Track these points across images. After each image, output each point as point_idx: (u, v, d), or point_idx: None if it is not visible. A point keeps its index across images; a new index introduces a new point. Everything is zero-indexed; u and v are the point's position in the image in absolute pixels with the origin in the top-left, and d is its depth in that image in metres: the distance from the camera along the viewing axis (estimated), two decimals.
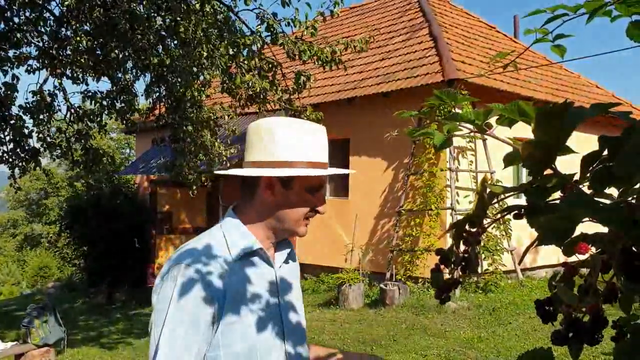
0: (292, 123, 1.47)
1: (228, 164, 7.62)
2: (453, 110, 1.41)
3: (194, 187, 7.54)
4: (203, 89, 6.62)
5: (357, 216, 9.79)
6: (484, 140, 8.67)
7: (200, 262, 1.35)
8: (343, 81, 10.47)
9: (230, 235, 1.44)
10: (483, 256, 8.75)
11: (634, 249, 0.86)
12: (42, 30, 7.16)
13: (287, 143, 1.43)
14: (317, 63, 6.17)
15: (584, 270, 0.95)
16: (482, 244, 8.67)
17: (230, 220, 1.48)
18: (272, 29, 5.94)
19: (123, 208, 11.72)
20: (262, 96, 6.35)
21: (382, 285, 8.49)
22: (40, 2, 6.85)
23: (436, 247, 1.37)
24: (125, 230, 11.48)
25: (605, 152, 1.03)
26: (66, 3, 6.75)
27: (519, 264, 8.42)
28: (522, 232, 8.58)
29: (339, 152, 10.75)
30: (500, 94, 8.91)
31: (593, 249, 1.03)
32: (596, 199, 0.96)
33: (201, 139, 6.86)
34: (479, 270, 8.97)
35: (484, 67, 8.66)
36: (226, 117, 7.51)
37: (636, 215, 0.83)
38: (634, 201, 0.91)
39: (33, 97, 7.07)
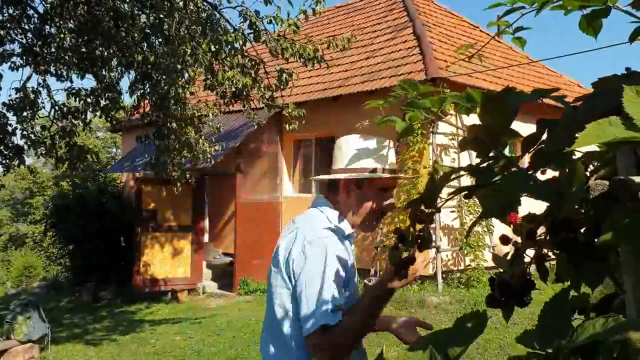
0: (361, 138, 1.89)
1: (212, 162, 7.67)
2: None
3: (179, 184, 7.58)
4: (187, 86, 6.65)
5: None
6: None
7: (334, 237, 1.77)
8: (328, 79, 10.55)
9: (334, 221, 1.84)
10: (465, 252, 8.88)
11: (561, 220, 0.94)
12: (26, 27, 7.15)
13: (352, 154, 1.86)
14: (299, 61, 6.24)
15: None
16: (465, 240, 8.82)
17: (327, 209, 1.88)
18: (254, 27, 6.00)
19: (109, 206, 11.70)
20: (244, 93, 6.39)
21: (366, 281, 8.53)
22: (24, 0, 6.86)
23: None
24: (111, 229, 11.46)
25: (545, 136, 1.11)
26: (50, 0, 6.76)
27: (466, 238, 8.57)
28: (507, 229, 8.68)
29: (325, 150, 10.83)
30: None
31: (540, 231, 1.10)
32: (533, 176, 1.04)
33: (185, 136, 6.90)
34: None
35: (465, 66, 8.78)
36: (210, 114, 7.55)
37: (560, 189, 0.90)
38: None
39: (16, 94, 7.06)
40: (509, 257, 1.15)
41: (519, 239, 1.09)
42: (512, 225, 0.97)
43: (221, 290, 10.87)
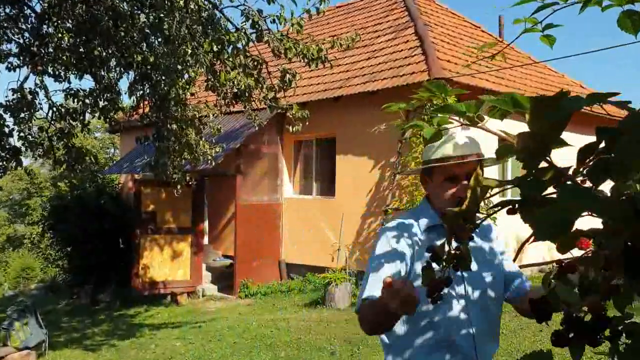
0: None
1: (213, 163, 7.55)
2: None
3: (179, 186, 7.46)
4: (188, 86, 6.53)
5: (344, 215, 9.75)
6: None
7: (397, 227, 1.91)
8: (330, 80, 10.43)
9: (420, 214, 1.95)
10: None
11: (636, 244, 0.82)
12: (23, 27, 7.03)
13: (428, 146, 1.90)
14: (302, 61, 6.12)
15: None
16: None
17: (422, 202, 2.03)
18: (257, 26, 5.87)
19: (107, 208, 11.57)
20: (247, 94, 6.27)
21: None
22: None
23: None
24: (110, 231, 11.33)
25: (603, 144, 0.98)
26: None
27: (514, 260, 8.42)
28: (507, 231, 8.57)
29: (325, 151, 10.72)
30: (485, 93, 8.90)
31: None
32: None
33: (186, 137, 6.78)
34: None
35: (469, 65, 8.65)
36: (211, 115, 7.43)
37: (638, 207, 0.78)
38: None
39: (13, 95, 6.93)
40: (551, 276, 1.03)
41: (562, 256, 0.97)
42: (577, 249, 0.84)
43: (221, 293, 10.75)
